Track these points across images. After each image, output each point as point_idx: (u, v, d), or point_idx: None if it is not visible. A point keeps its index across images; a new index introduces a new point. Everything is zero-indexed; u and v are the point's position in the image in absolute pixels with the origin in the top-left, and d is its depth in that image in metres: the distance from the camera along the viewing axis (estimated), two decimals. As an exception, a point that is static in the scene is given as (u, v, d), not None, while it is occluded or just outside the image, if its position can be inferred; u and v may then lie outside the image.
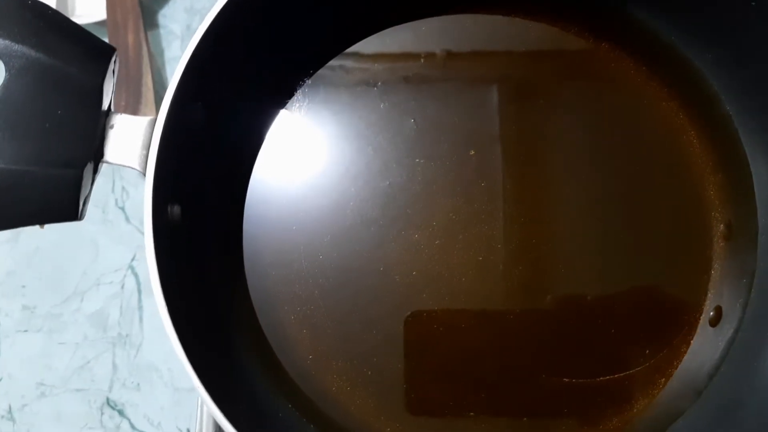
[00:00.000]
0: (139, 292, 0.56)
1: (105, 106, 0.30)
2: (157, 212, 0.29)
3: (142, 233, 0.58)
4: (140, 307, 0.56)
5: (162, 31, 0.60)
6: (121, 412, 0.54)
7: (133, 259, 0.57)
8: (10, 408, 0.55)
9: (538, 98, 0.37)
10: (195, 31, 0.30)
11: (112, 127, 0.31)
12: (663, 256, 0.36)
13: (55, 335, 0.56)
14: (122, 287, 0.57)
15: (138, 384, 0.55)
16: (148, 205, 0.29)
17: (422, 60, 0.37)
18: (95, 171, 0.30)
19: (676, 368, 0.34)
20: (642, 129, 0.36)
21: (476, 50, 0.38)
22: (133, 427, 0.54)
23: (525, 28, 0.38)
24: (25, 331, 0.56)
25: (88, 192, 0.30)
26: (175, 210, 0.31)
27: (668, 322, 0.35)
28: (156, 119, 0.30)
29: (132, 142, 0.30)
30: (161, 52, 0.60)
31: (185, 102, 0.31)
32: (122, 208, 0.58)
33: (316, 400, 0.34)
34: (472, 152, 0.36)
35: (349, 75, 0.37)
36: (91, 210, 0.59)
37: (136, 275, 0.57)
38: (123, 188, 0.59)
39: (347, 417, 0.34)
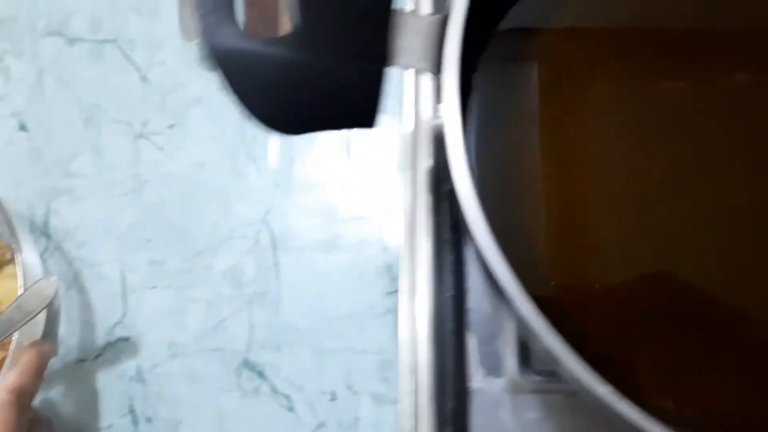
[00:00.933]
0: (275, 247, 0.53)
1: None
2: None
3: (277, 185, 0.54)
4: (276, 263, 0.52)
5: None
6: (260, 374, 0.51)
7: (267, 213, 0.53)
8: (139, 368, 0.51)
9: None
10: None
11: (399, 26, 0.27)
12: None
13: (186, 292, 0.52)
14: (256, 242, 0.53)
15: (278, 344, 0.51)
16: (455, 113, 0.26)
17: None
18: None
19: None
20: None
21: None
22: (274, 390, 0.50)
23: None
24: (154, 287, 0.52)
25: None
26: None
27: None
28: (447, 17, 0.27)
29: (425, 42, 0.27)
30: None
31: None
32: (254, 159, 0.54)
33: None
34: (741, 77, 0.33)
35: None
36: (220, 160, 0.55)
37: (270, 230, 0.53)
38: (254, 137, 0.55)
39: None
